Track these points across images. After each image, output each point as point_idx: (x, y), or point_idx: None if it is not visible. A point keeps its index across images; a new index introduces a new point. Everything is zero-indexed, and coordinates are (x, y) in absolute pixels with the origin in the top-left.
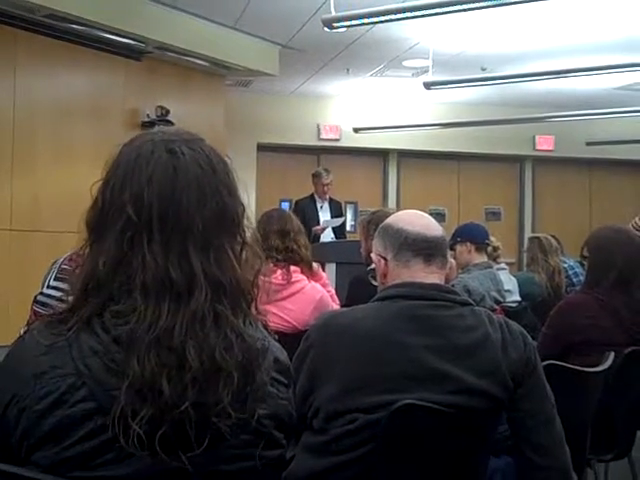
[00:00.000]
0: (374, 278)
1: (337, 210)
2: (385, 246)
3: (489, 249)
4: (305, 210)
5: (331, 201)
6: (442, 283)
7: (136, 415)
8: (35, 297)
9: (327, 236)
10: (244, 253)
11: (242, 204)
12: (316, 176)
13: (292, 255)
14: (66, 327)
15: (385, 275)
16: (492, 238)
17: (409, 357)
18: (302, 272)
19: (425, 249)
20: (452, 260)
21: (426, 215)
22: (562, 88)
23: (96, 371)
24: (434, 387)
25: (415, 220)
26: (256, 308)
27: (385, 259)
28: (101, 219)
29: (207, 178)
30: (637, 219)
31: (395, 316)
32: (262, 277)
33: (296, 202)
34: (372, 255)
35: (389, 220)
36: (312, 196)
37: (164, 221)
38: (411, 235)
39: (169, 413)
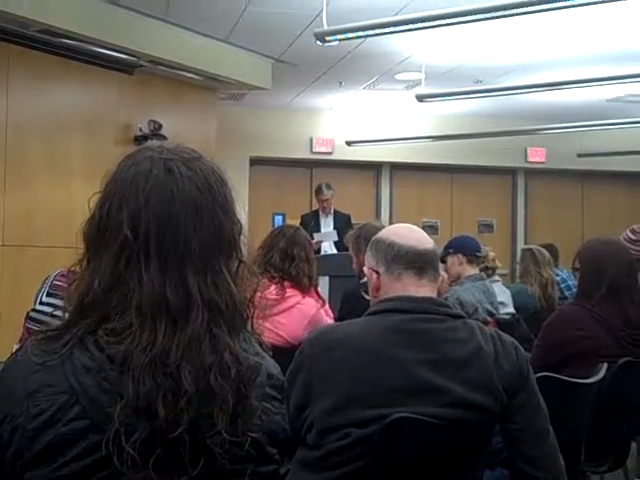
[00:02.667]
0: (367, 292)
1: (343, 223)
2: (377, 260)
3: (483, 264)
4: (307, 225)
5: (336, 214)
6: (434, 296)
7: (130, 437)
8: (27, 314)
9: (327, 249)
10: (240, 271)
11: (239, 223)
12: (316, 192)
13: (289, 277)
14: (59, 344)
15: (377, 289)
16: (491, 254)
17: (402, 371)
18: (296, 287)
19: (416, 262)
20: (444, 273)
21: (417, 228)
22: (553, 100)
23: (89, 389)
24: (427, 401)
25: (406, 233)
26: (251, 325)
27: (377, 273)
28: (98, 236)
29: (204, 200)
30: (628, 231)
31: (387, 330)
32: (257, 293)
33: (302, 217)
34: (364, 269)
35: (381, 234)
36: (316, 211)
37: (161, 243)
38: (402, 248)
39: (163, 436)
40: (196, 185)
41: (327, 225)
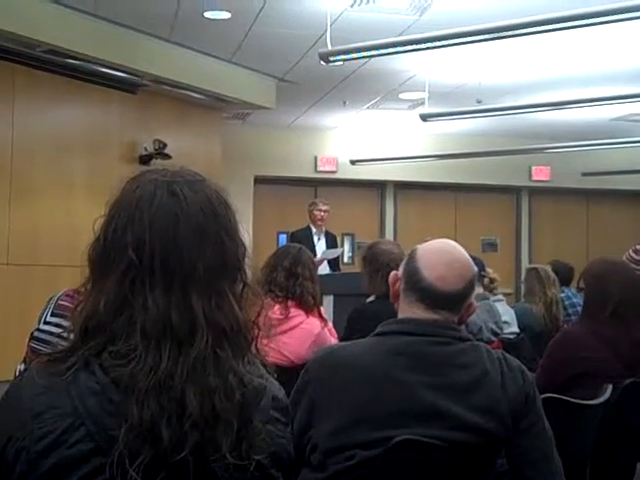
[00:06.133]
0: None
1: (333, 243)
2: (403, 273)
3: (486, 281)
4: (301, 242)
5: (327, 234)
6: (441, 319)
7: (134, 460)
8: (32, 333)
9: (323, 269)
10: (244, 294)
11: (243, 246)
12: (312, 204)
13: (293, 296)
14: (64, 367)
15: (396, 297)
16: (489, 270)
17: (407, 394)
18: (300, 307)
19: (431, 300)
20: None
21: (455, 260)
22: (558, 119)
23: (94, 411)
24: (432, 424)
25: (437, 265)
26: (256, 347)
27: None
28: (103, 258)
29: (208, 223)
30: (631, 251)
31: (393, 352)
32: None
33: (292, 233)
34: (392, 272)
35: (419, 250)
36: (308, 227)
37: (166, 265)
38: (423, 281)
39: (168, 459)
40: (200, 208)
41: (321, 243)
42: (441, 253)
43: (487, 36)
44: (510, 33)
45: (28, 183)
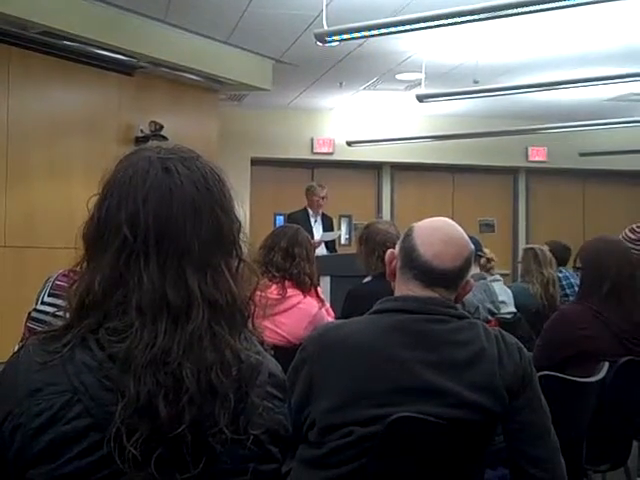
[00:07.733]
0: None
1: (329, 225)
2: (399, 250)
3: (482, 261)
4: (298, 223)
5: (323, 216)
6: (439, 297)
7: (132, 435)
8: (29, 313)
9: (320, 251)
10: (240, 270)
11: (238, 221)
12: (310, 190)
13: (290, 277)
14: (61, 344)
15: (393, 275)
16: (486, 250)
17: (404, 371)
18: (297, 287)
19: (428, 277)
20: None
21: (452, 238)
22: (554, 99)
23: (91, 387)
24: (429, 401)
25: (434, 243)
26: (252, 324)
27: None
28: (97, 236)
29: (203, 198)
30: (627, 230)
31: (390, 330)
32: (258, 292)
33: (289, 215)
34: (389, 250)
35: (414, 229)
36: (305, 209)
37: (160, 242)
38: (419, 259)
39: (165, 434)
40: (194, 184)
41: (318, 226)
42: (438, 231)
43: (484, 15)
44: (507, 12)
45: (24, 165)
